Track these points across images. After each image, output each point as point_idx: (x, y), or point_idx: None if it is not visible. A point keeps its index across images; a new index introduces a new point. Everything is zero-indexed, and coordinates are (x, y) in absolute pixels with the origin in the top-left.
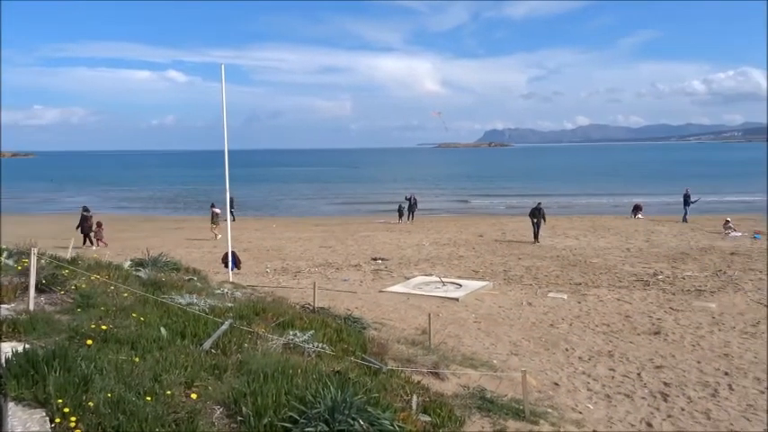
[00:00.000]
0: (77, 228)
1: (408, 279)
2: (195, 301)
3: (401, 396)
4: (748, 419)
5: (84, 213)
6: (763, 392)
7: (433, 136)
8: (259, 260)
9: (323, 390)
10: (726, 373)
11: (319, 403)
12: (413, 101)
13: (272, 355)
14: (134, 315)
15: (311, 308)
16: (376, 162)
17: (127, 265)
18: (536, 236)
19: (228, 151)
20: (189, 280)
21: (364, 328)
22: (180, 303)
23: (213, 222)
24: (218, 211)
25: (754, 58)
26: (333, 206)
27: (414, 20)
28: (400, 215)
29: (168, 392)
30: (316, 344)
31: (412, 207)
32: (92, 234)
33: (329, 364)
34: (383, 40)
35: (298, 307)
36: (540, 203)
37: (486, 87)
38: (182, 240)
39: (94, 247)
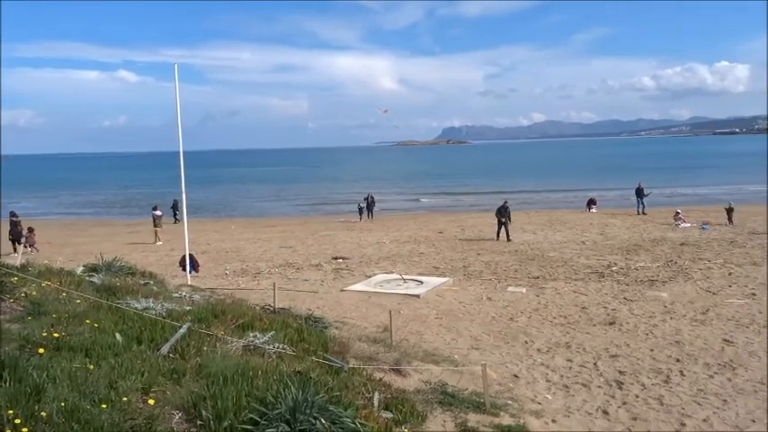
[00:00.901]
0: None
1: (369, 277)
2: (152, 305)
3: (363, 394)
4: (699, 404)
5: (13, 219)
6: (712, 377)
7: (391, 134)
8: (218, 262)
9: (284, 390)
10: (677, 360)
11: (280, 404)
12: (371, 99)
13: (231, 357)
14: (88, 322)
15: (272, 309)
16: (335, 161)
17: (79, 270)
18: (499, 234)
19: (184, 152)
20: (145, 284)
21: (326, 328)
22: (136, 308)
23: (155, 226)
24: (159, 213)
25: (699, 55)
26: (292, 206)
27: (369, 18)
28: (360, 214)
29: (125, 399)
30: (276, 345)
31: (370, 206)
32: (23, 239)
33: (290, 364)
34: (339, 39)
35: (258, 308)
36: (506, 201)
37: (443, 85)
38: (137, 244)
39: (19, 254)
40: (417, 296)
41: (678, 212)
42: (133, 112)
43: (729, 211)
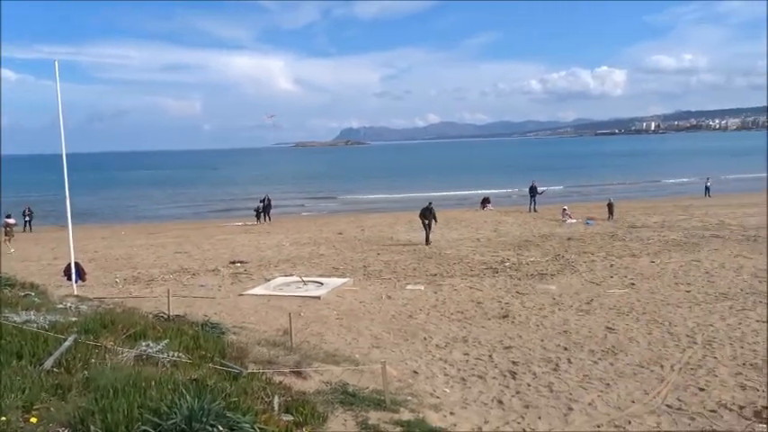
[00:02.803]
0: None
1: (269, 281)
2: (33, 318)
3: (263, 398)
4: (584, 388)
5: None
6: (596, 363)
7: (290, 135)
8: (107, 270)
9: (179, 399)
10: (565, 349)
11: (175, 414)
12: (267, 99)
13: (122, 368)
14: None
15: (166, 316)
16: (232, 163)
17: None
18: (427, 238)
19: (68, 154)
20: (25, 296)
21: (223, 333)
22: (15, 322)
23: (6, 234)
24: (12, 221)
25: (583, 60)
26: (188, 210)
27: (264, 18)
28: (258, 217)
29: (3, 418)
30: (171, 353)
31: (267, 208)
32: None
33: (186, 372)
34: (234, 38)
35: (151, 317)
36: (431, 203)
37: (340, 86)
38: (16, 253)
39: None
40: (318, 298)
41: (565, 209)
42: (13, 112)
43: (610, 206)
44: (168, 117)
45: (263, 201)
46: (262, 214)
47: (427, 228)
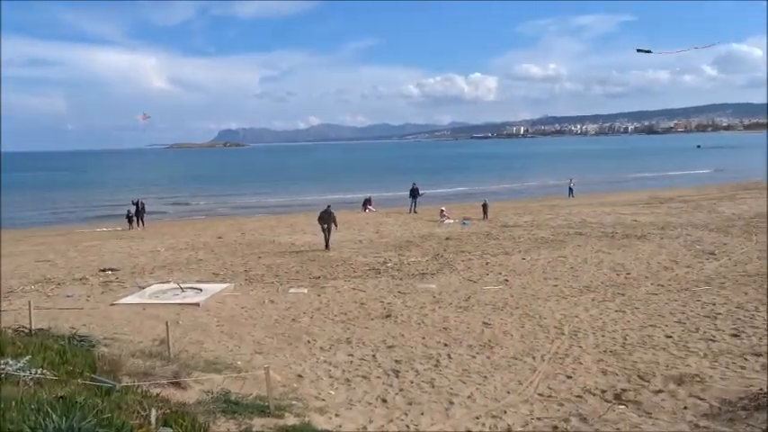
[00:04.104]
0: None
1: (143, 288)
2: None
3: (138, 412)
4: (464, 382)
5: None
6: (474, 357)
7: (165, 136)
8: None
9: (44, 420)
10: (445, 345)
11: None
12: (140, 99)
13: None
14: None
15: (27, 331)
16: (101, 165)
17: None
18: (327, 243)
19: None
20: None
21: (93, 346)
22: None
23: None
24: None
25: (457, 66)
26: (51, 215)
27: (135, 13)
28: (130, 221)
29: None
30: (34, 370)
31: (140, 212)
32: None
33: (52, 390)
34: (101, 33)
35: (10, 332)
36: (329, 206)
37: (218, 86)
38: None
39: None
40: (197, 304)
41: (443, 210)
42: None
43: (485, 207)
44: (27, 116)
45: (136, 204)
46: (135, 219)
47: (326, 232)
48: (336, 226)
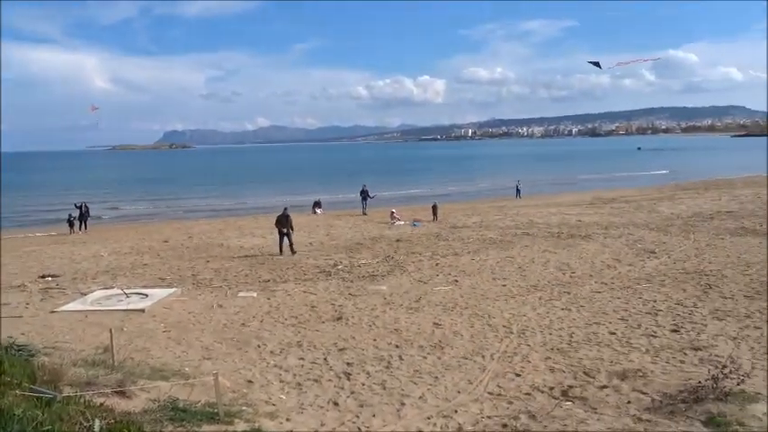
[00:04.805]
0: None
1: (86, 295)
2: None
3: (81, 423)
4: (415, 383)
5: None
6: (425, 358)
7: (106, 137)
8: None
9: None
10: (397, 346)
11: None
12: (80, 99)
13: None
14: None
15: None
16: (39, 168)
17: None
18: (281, 247)
19: None
20: None
21: (32, 356)
22: None
23: None
24: None
25: (406, 69)
26: None
27: (74, 10)
28: (72, 226)
29: None
30: None
31: (84, 216)
32: None
33: None
34: (39, 31)
35: None
36: (286, 209)
37: (162, 87)
38: None
39: None
40: (142, 310)
41: (393, 212)
42: None
43: (434, 208)
44: None
45: (80, 208)
46: (78, 223)
47: (284, 236)
48: (293, 230)
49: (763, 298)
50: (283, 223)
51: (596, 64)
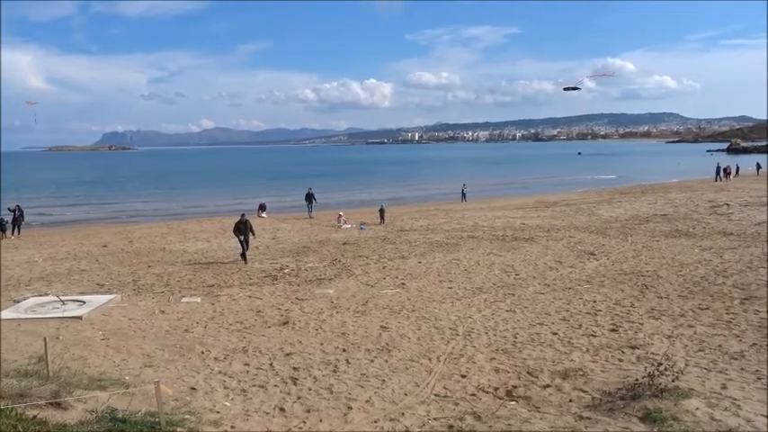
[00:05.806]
0: None
1: (18, 302)
2: None
3: None
4: (362, 386)
5: None
6: (372, 361)
7: (42, 138)
8: None
9: None
10: (344, 350)
11: None
12: (13, 98)
13: None
14: None
15: None
16: None
17: None
18: (244, 254)
19: None
20: None
21: None
22: None
23: None
24: None
25: (353, 73)
26: None
27: (8, 7)
28: (4, 230)
29: None
30: None
31: (17, 219)
32: None
33: None
34: None
35: None
36: (244, 214)
37: (102, 87)
38: None
39: None
40: (79, 318)
41: (340, 215)
42: None
43: (382, 212)
44: None
45: (12, 211)
46: (10, 227)
47: (244, 243)
48: (254, 235)
49: (696, 297)
50: (242, 230)
51: (574, 88)
